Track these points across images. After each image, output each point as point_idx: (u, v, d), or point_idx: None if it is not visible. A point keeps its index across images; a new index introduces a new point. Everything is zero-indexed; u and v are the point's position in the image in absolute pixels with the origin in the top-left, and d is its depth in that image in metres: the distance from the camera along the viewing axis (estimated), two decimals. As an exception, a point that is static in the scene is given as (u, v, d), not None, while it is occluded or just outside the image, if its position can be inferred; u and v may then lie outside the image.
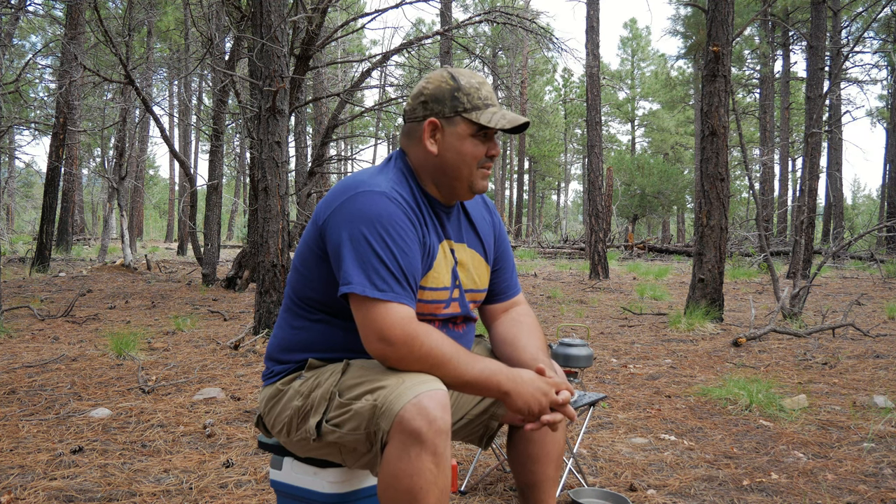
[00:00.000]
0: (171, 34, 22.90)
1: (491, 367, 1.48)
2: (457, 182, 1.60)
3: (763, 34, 27.98)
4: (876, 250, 19.03)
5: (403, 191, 1.55)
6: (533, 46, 34.00)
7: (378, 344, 1.43)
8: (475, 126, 1.57)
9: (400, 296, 1.44)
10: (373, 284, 1.43)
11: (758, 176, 27.03)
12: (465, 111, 1.56)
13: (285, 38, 5.63)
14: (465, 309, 1.66)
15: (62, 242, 17.45)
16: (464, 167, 1.58)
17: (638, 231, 34.84)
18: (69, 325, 6.12)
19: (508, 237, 2.36)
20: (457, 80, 1.58)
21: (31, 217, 31.45)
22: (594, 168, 12.85)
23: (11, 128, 16.15)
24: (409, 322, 1.43)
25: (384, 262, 1.44)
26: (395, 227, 1.47)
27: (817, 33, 12.07)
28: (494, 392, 1.47)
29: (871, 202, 57.49)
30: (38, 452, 2.73)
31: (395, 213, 1.48)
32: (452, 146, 1.58)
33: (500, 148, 1.63)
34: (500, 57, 35.88)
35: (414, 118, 1.61)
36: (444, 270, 1.60)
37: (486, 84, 1.61)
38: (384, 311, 1.43)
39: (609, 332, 6.28)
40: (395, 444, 1.35)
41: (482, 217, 1.77)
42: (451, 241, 1.65)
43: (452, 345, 1.46)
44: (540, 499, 1.73)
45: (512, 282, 1.82)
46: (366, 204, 1.48)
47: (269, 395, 1.64)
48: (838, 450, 2.93)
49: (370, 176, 1.56)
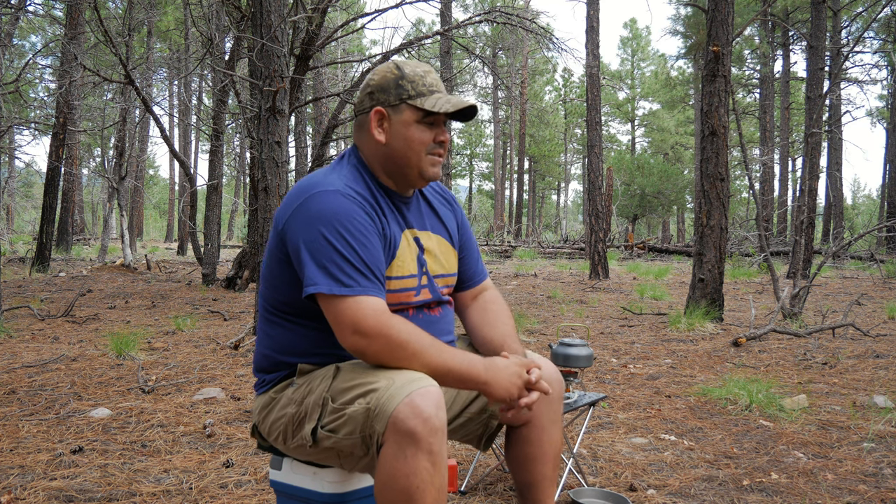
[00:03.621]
0: (171, 34, 22.89)
1: (470, 357, 1.50)
2: (407, 170, 1.61)
3: (763, 34, 27.98)
4: (876, 250, 19.03)
5: (358, 186, 1.57)
6: (533, 46, 33.99)
7: (353, 338, 1.44)
8: (420, 112, 1.58)
9: (367, 288, 1.46)
10: (338, 282, 1.44)
11: (758, 176, 27.03)
12: (409, 98, 1.58)
13: (285, 38, 5.63)
14: (436, 294, 1.67)
15: (62, 242, 17.45)
16: (412, 154, 1.59)
17: (638, 231, 34.84)
18: (69, 325, 6.12)
19: (510, 237, 2.36)
20: (401, 69, 1.60)
21: (31, 217, 31.44)
22: (594, 168, 12.85)
23: (11, 128, 16.14)
24: (382, 313, 1.45)
25: (346, 259, 1.46)
26: (353, 222, 1.49)
27: (817, 33, 12.07)
28: (474, 383, 1.49)
29: (871, 202, 57.49)
30: (38, 452, 2.72)
31: (350, 209, 1.50)
32: (399, 133, 1.59)
33: (448, 135, 1.64)
34: (500, 57, 35.88)
35: (362, 110, 1.63)
36: (409, 258, 1.62)
37: (431, 72, 1.63)
38: (355, 305, 1.44)
39: (609, 332, 6.28)
40: (390, 444, 1.35)
41: (441, 204, 1.79)
42: (415, 229, 1.67)
43: (429, 336, 1.48)
44: (538, 498, 1.74)
45: (478, 268, 1.84)
46: (321, 204, 1.50)
47: (262, 403, 1.64)
48: (838, 450, 2.93)
49: (323, 175, 1.58)
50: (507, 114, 40.42)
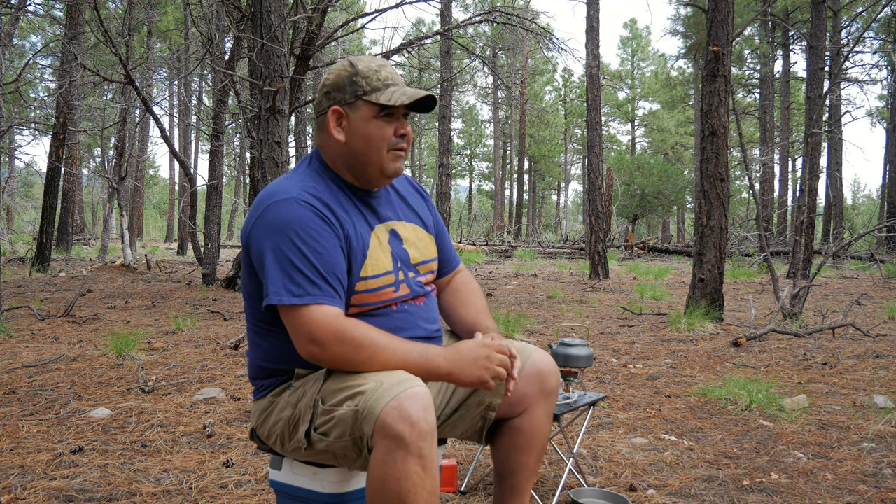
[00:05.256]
0: (171, 34, 22.89)
1: (429, 351, 1.49)
2: (368, 167, 1.60)
3: (763, 34, 27.98)
4: (876, 250, 19.03)
5: (317, 190, 1.56)
6: (533, 46, 34.00)
7: (309, 346, 1.45)
8: (376, 107, 1.57)
9: (318, 297, 1.45)
10: (289, 291, 1.45)
11: (758, 176, 27.04)
12: (364, 94, 1.57)
13: (285, 38, 5.63)
14: (415, 289, 1.66)
15: (62, 242, 17.45)
16: (372, 151, 1.58)
17: (638, 231, 34.83)
18: (69, 325, 6.12)
19: (510, 237, 2.37)
20: (355, 66, 1.59)
21: (31, 217, 31.43)
22: (594, 168, 12.85)
23: (11, 128, 16.15)
24: (335, 319, 1.45)
25: (297, 268, 1.46)
26: (306, 229, 1.48)
27: (817, 33, 12.07)
28: (436, 375, 1.49)
29: (871, 202, 57.49)
30: (38, 452, 2.72)
31: (304, 215, 1.49)
32: (358, 131, 1.58)
33: (409, 127, 1.62)
34: (500, 57, 35.88)
35: (321, 111, 1.63)
36: (382, 255, 1.61)
37: (386, 66, 1.61)
38: (307, 314, 1.44)
39: (609, 332, 6.28)
40: (379, 448, 1.35)
41: (410, 193, 1.79)
42: (391, 220, 1.67)
43: (385, 335, 1.47)
44: (517, 485, 1.75)
45: (451, 255, 1.85)
46: (276, 213, 1.50)
47: (261, 408, 1.64)
48: (838, 450, 2.93)
49: (280, 184, 1.57)
50: (507, 114, 40.43)
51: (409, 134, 1.62)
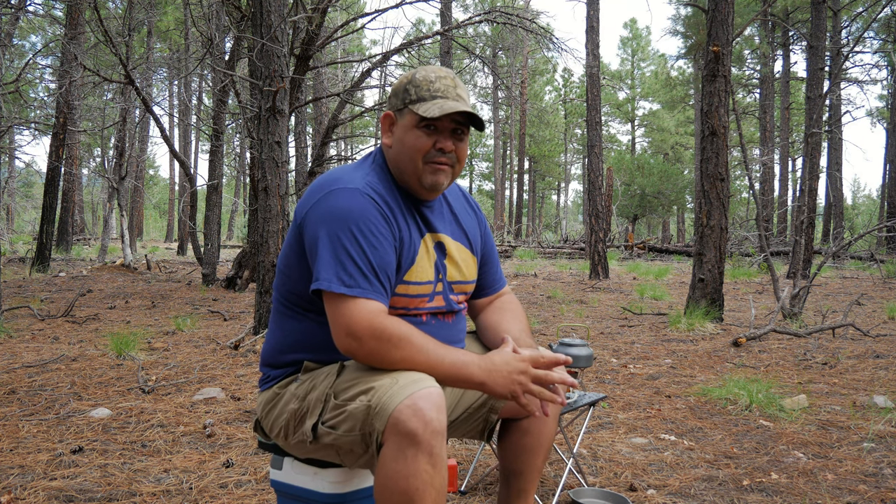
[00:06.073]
0: (171, 34, 22.90)
1: (463, 358, 1.47)
2: (406, 176, 1.59)
3: (763, 34, 27.99)
4: (876, 250, 19.03)
5: (380, 186, 1.57)
6: (533, 46, 34.00)
7: (346, 339, 1.44)
8: (417, 117, 1.56)
9: (367, 291, 1.45)
10: (340, 280, 1.44)
11: (758, 176, 27.04)
12: (410, 102, 1.57)
13: (285, 38, 5.63)
14: (449, 303, 1.65)
15: (62, 242, 17.45)
16: (408, 160, 1.57)
17: (638, 231, 34.84)
18: (69, 325, 6.12)
19: (510, 237, 2.37)
20: (415, 74, 1.59)
21: (31, 217, 31.43)
22: (594, 168, 12.85)
23: (11, 128, 16.14)
24: (377, 316, 1.44)
25: (353, 259, 1.46)
26: (367, 222, 1.48)
27: (817, 33, 12.07)
28: (468, 383, 1.46)
29: (871, 202, 57.50)
30: (38, 452, 2.72)
31: (366, 208, 1.49)
32: (400, 138, 1.58)
33: (457, 143, 1.58)
34: (500, 57, 35.87)
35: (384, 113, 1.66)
36: (427, 265, 1.61)
37: (444, 78, 1.57)
38: (352, 306, 1.44)
39: (609, 332, 6.28)
40: (390, 445, 1.35)
41: (465, 210, 1.77)
42: (438, 233, 1.66)
43: (423, 337, 1.45)
44: (523, 487, 1.75)
45: (498, 276, 1.84)
46: (339, 201, 1.50)
47: (266, 399, 1.64)
48: (838, 450, 2.93)
49: (346, 172, 1.57)
50: (507, 114, 40.42)
51: (452, 149, 1.57)
